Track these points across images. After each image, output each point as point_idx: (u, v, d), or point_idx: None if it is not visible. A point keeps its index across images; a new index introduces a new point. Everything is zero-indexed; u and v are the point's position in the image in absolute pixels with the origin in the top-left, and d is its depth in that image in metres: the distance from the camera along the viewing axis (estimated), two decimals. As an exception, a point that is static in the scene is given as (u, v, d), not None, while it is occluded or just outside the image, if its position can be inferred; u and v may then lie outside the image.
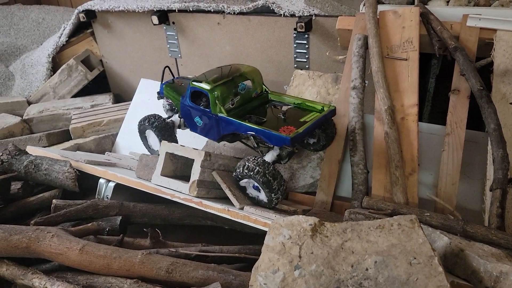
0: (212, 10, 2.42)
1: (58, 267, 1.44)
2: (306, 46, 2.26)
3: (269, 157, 1.58)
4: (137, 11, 2.60)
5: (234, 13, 2.36)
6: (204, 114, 1.70)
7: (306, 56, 2.29)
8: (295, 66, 2.35)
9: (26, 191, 1.84)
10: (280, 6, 2.26)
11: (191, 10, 2.48)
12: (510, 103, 1.57)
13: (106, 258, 1.33)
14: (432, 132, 1.77)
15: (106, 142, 2.50)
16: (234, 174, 1.59)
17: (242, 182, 1.59)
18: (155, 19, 2.53)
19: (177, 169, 1.73)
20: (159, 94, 1.99)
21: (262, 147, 1.67)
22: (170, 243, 1.62)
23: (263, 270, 1.05)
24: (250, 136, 1.60)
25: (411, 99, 1.67)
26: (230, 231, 1.78)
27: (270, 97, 1.81)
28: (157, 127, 1.87)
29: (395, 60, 1.75)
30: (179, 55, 2.70)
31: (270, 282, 1.03)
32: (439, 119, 1.93)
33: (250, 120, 1.63)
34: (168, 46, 2.70)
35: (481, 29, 1.70)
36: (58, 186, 1.83)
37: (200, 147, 1.97)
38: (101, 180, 1.87)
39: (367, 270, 1.00)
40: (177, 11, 2.54)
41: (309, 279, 1.01)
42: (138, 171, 1.79)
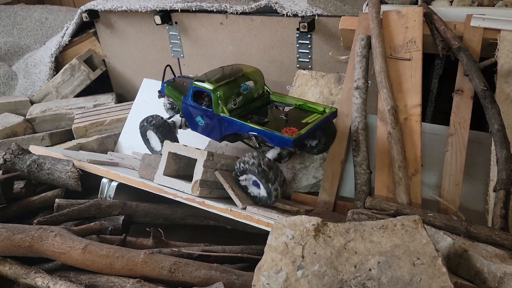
0: (214, 10, 2.42)
1: (60, 266, 1.44)
2: (309, 46, 2.26)
3: (269, 155, 1.59)
4: (139, 11, 2.61)
5: (237, 13, 2.36)
6: (206, 114, 1.70)
7: (309, 56, 2.29)
8: (298, 66, 2.34)
9: (29, 191, 1.85)
10: (283, 6, 2.26)
11: (194, 10, 2.48)
12: (514, 104, 1.57)
13: (108, 257, 1.33)
14: (435, 132, 1.77)
15: (108, 141, 2.50)
16: (233, 174, 1.59)
17: (241, 180, 1.59)
18: (158, 19, 2.53)
19: (179, 168, 1.73)
20: (160, 93, 1.99)
21: (264, 147, 1.67)
22: (173, 243, 1.62)
23: (266, 270, 1.04)
24: (252, 136, 1.60)
25: (414, 100, 1.66)
26: (232, 231, 1.78)
27: (272, 98, 1.81)
28: (157, 127, 1.86)
29: (398, 60, 1.75)
30: (182, 55, 2.70)
31: (273, 282, 1.02)
32: (442, 120, 1.93)
33: (251, 120, 1.63)
34: (170, 46, 2.71)
35: (485, 29, 1.70)
36: (61, 185, 1.83)
37: (202, 147, 1.97)
38: (103, 179, 1.88)
39: (370, 270, 1.00)
40: (179, 11, 2.54)
41: (312, 279, 1.01)
42: (141, 171, 1.79)
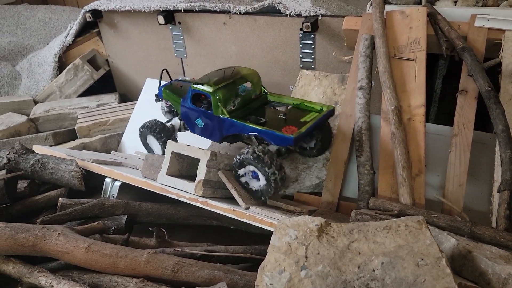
0: (218, 10, 2.42)
1: (64, 266, 1.44)
2: (312, 46, 2.26)
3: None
4: (143, 11, 2.61)
5: (240, 13, 2.36)
6: (205, 116, 1.72)
7: (312, 56, 2.28)
8: (301, 66, 2.34)
9: (32, 190, 1.85)
10: (286, 6, 2.26)
11: (197, 10, 2.48)
12: (519, 104, 1.56)
13: (112, 257, 1.33)
14: (439, 133, 1.76)
15: (111, 141, 2.51)
16: (233, 172, 1.60)
17: (242, 176, 1.59)
18: (161, 19, 2.54)
19: (182, 168, 1.73)
20: (158, 96, 2.00)
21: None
22: (176, 243, 1.62)
23: (269, 270, 1.04)
24: (252, 136, 1.61)
25: (418, 100, 1.66)
26: (235, 231, 1.78)
27: (269, 98, 1.84)
28: (157, 132, 1.88)
29: (402, 60, 1.74)
30: (185, 55, 2.71)
31: (276, 282, 1.02)
32: (446, 120, 1.92)
33: (251, 121, 1.64)
34: (174, 46, 2.71)
35: (489, 29, 1.69)
36: (64, 185, 1.83)
37: (204, 148, 1.97)
38: (107, 179, 1.88)
39: (374, 271, 0.99)
40: (183, 11, 2.54)
41: (315, 280, 1.01)
42: (144, 171, 1.80)
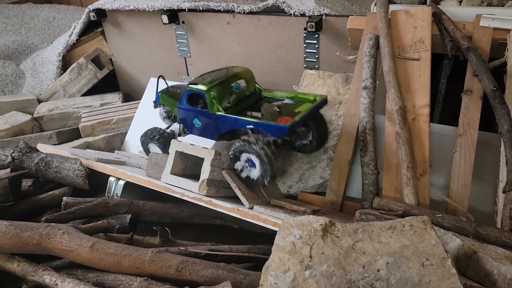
0: (222, 10, 2.42)
1: (68, 264, 1.45)
2: (316, 46, 2.25)
3: None
4: (147, 10, 2.61)
5: (244, 12, 2.36)
6: (202, 114, 1.75)
7: (316, 56, 2.28)
8: (305, 66, 2.34)
9: (36, 188, 1.86)
10: (290, 6, 2.26)
11: (201, 9, 2.48)
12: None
13: (116, 255, 1.34)
14: (443, 133, 1.76)
15: (115, 140, 2.51)
16: (232, 169, 1.62)
17: (241, 170, 1.61)
18: (165, 18, 2.54)
19: (186, 167, 1.73)
20: (155, 103, 2.02)
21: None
22: (179, 242, 1.62)
23: (274, 269, 1.04)
24: (248, 130, 1.62)
25: (423, 100, 1.65)
26: (239, 231, 1.78)
27: (264, 94, 1.88)
28: (158, 139, 1.90)
29: (407, 60, 1.74)
30: (189, 54, 2.71)
31: (281, 282, 1.02)
32: (450, 120, 1.91)
33: (246, 115, 1.68)
34: (177, 45, 2.71)
35: (494, 29, 1.69)
36: (68, 183, 1.84)
37: (208, 147, 1.97)
38: (111, 178, 1.88)
39: (379, 271, 0.99)
40: (187, 10, 2.54)
41: (320, 280, 1.01)
42: (148, 170, 1.80)
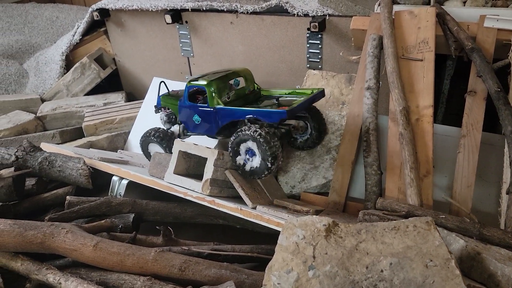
0: (225, 10, 2.42)
1: (72, 263, 1.45)
2: (320, 46, 2.25)
3: None
4: (150, 10, 2.61)
5: (247, 12, 2.36)
6: (202, 110, 1.78)
7: (319, 56, 2.28)
8: (308, 66, 2.34)
9: (40, 187, 1.87)
10: (293, 6, 2.26)
11: (204, 9, 2.49)
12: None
13: (119, 255, 1.34)
14: (447, 134, 1.75)
15: (118, 140, 2.51)
16: (234, 164, 1.63)
17: (244, 164, 1.61)
18: (168, 18, 2.54)
19: (189, 167, 1.74)
20: (157, 107, 2.03)
21: None
22: (182, 241, 1.63)
23: (277, 269, 1.04)
24: (247, 122, 1.63)
25: (426, 100, 1.65)
26: (242, 230, 1.78)
27: (262, 93, 1.92)
28: (160, 138, 1.91)
29: (410, 60, 1.74)
30: (192, 54, 2.71)
31: (284, 282, 1.02)
32: (453, 121, 1.91)
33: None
34: (180, 45, 2.71)
35: (498, 30, 1.68)
36: (72, 183, 1.84)
37: (211, 147, 1.97)
38: (114, 177, 1.89)
39: (382, 271, 0.99)
40: (190, 10, 2.54)
41: (323, 280, 1.01)
42: (151, 169, 1.80)
